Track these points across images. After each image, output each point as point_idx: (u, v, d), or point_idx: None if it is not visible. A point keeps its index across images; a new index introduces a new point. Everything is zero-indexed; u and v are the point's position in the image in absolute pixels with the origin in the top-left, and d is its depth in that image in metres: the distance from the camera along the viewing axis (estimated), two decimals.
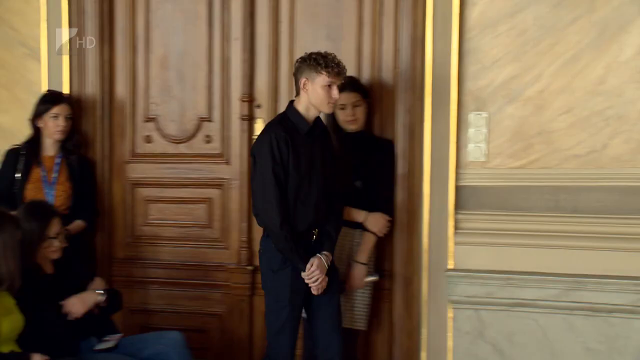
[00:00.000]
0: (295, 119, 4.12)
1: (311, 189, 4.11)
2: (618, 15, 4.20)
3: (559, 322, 4.30)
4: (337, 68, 4.04)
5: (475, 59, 4.39)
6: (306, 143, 4.11)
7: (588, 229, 4.25)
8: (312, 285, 4.09)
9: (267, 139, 4.05)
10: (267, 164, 4.03)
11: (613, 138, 4.23)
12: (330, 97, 4.05)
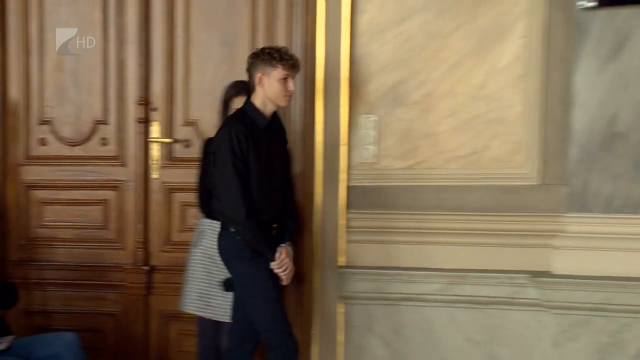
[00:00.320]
0: (253, 115, 4.14)
1: (271, 183, 4.15)
2: (497, 24, 4.42)
3: (443, 315, 4.48)
4: (291, 60, 4.09)
5: (365, 63, 4.55)
6: (265, 138, 4.14)
7: (470, 226, 4.45)
8: (282, 275, 4.11)
9: (227, 135, 4.05)
10: (227, 159, 4.02)
11: (493, 140, 4.43)
12: (287, 90, 4.10)
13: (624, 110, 4.19)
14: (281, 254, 4.09)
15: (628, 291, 4.12)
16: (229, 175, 4.01)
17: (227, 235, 4.14)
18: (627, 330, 4.17)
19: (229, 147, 4.02)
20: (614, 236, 4.20)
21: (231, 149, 4.01)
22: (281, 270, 4.10)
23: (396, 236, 4.54)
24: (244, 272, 4.13)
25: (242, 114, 4.16)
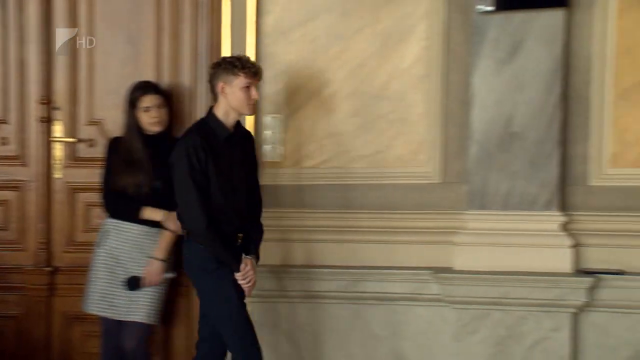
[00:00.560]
0: (214, 125, 4.07)
1: (234, 193, 4.09)
2: (399, 27, 4.51)
3: (348, 311, 4.54)
4: (253, 68, 4.03)
5: (271, 64, 4.58)
6: (226, 148, 4.07)
7: (374, 223, 4.54)
8: (246, 286, 4.07)
9: (184, 148, 3.99)
10: (184, 171, 3.96)
11: (396, 139, 4.52)
12: (250, 98, 4.04)
13: (520, 111, 4.33)
14: (246, 265, 4.04)
15: (524, 285, 4.26)
16: (188, 188, 3.96)
17: (190, 246, 4.09)
18: (523, 323, 4.30)
19: (186, 160, 3.95)
20: (511, 232, 4.34)
21: (188, 162, 3.95)
22: (245, 282, 4.05)
23: (302, 234, 4.59)
24: (208, 284, 4.08)
25: (203, 124, 4.10)
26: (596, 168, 4.31)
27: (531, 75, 4.30)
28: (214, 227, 3.96)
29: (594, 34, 4.32)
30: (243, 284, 4.05)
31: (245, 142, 4.23)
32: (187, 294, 4.77)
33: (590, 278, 4.21)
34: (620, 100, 4.28)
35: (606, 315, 4.25)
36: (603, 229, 4.28)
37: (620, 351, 4.24)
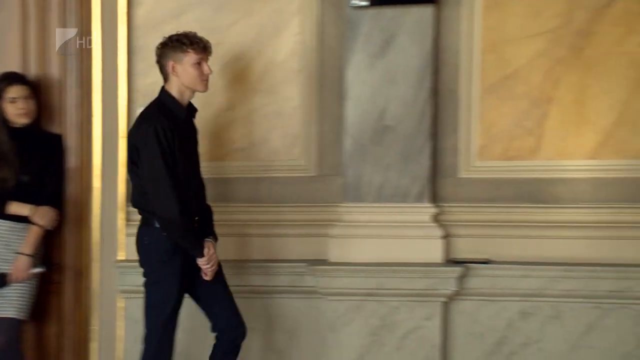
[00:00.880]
0: (172, 105, 3.94)
1: (193, 175, 4.00)
2: (272, 20, 4.51)
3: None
4: (202, 43, 3.92)
5: (143, 56, 4.50)
6: (184, 127, 3.96)
7: (251, 217, 4.53)
8: (210, 270, 3.95)
9: (152, 129, 3.79)
10: (156, 154, 3.77)
11: (272, 133, 4.52)
12: (203, 74, 3.93)
13: (392, 105, 4.39)
14: (209, 249, 3.94)
15: (398, 276, 4.33)
16: (160, 172, 3.78)
17: (153, 232, 3.91)
18: (396, 313, 4.37)
19: (156, 142, 3.77)
20: (384, 224, 4.40)
21: (159, 144, 3.77)
22: (209, 266, 3.94)
23: None
24: (158, 274, 3.93)
25: (160, 104, 3.95)
26: (465, 161, 4.42)
27: (403, 70, 4.37)
28: (185, 214, 3.83)
29: (462, 31, 4.42)
30: (207, 267, 3.94)
31: (192, 122, 4.10)
32: (58, 291, 4.64)
33: (459, 268, 4.32)
34: (487, 95, 4.40)
35: (474, 303, 4.37)
36: (471, 219, 4.40)
37: (487, 337, 4.37)
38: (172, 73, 3.92)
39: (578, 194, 4.33)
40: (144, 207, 3.94)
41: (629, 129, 4.28)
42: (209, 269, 3.95)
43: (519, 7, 4.37)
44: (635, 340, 4.24)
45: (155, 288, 3.95)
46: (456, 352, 4.40)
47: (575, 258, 4.29)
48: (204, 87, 3.97)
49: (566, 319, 4.30)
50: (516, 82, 4.38)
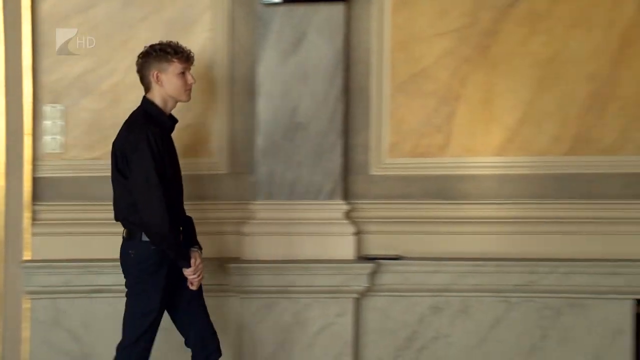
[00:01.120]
0: (157, 115, 3.86)
1: (178, 184, 3.91)
2: (182, 16, 4.44)
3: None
4: (185, 53, 3.87)
5: (50, 52, 4.39)
6: (169, 137, 3.89)
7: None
8: (196, 280, 3.85)
9: (144, 138, 3.67)
10: (148, 164, 3.65)
11: (185, 130, 4.40)
12: (187, 84, 3.87)
13: (304, 102, 4.38)
14: (196, 259, 3.84)
15: (310, 273, 4.33)
16: (151, 183, 3.67)
17: (140, 245, 3.78)
18: (308, 310, 4.38)
19: (148, 152, 3.66)
20: (297, 221, 4.40)
21: (151, 152, 3.67)
22: (196, 276, 3.85)
23: (87, 227, 4.42)
24: (142, 285, 3.81)
25: (146, 114, 3.85)
26: (376, 158, 4.45)
27: (314, 67, 4.37)
28: (174, 227, 3.77)
29: (372, 29, 4.45)
30: (193, 277, 3.85)
31: None
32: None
33: (371, 264, 4.35)
34: (397, 92, 4.44)
35: (386, 299, 4.41)
36: (383, 216, 4.44)
37: (399, 332, 4.42)
38: (155, 82, 3.86)
39: (485, 190, 4.41)
40: (130, 219, 3.80)
41: (533, 127, 4.38)
42: (196, 279, 3.86)
43: (427, 6, 4.42)
44: (541, 332, 4.35)
45: (138, 299, 3.84)
46: (368, 348, 4.43)
47: (483, 253, 4.37)
48: (187, 97, 3.93)
49: (475, 313, 4.39)
50: (425, 80, 4.43)
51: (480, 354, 4.39)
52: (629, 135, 4.36)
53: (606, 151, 4.36)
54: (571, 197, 4.36)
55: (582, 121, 4.37)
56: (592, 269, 4.30)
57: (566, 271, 4.31)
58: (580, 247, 4.34)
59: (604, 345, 4.34)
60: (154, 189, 3.66)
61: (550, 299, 4.33)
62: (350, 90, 4.43)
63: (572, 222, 4.35)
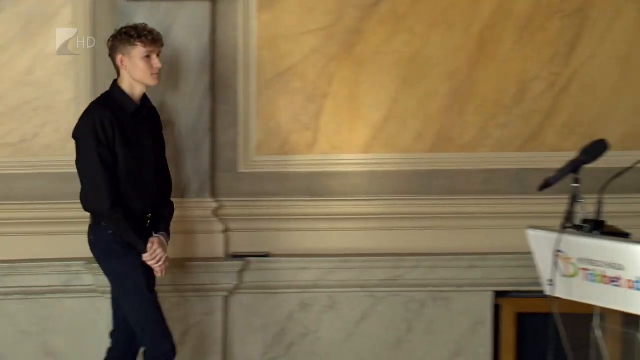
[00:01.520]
0: (120, 98, 3.79)
1: (142, 171, 3.81)
2: (41, 10, 4.27)
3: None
4: (150, 36, 3.77)
5: None
6: (134, 123, 3.79)
7: (20, 215, 4.27)
8: (156, 266, 3.77)
9: (91, 121, 3.69)
10: (90, 146, 3.67)
11: (43, 127, 4.30)
12: (152, 67, 3.77)
13: (170, 99, 4.28)
14: (153, 244, 3.75)
15: (177, 271, 4.21)
16: (93, 164, 3.68)
17: (97, 229, 3.78)
18: (176, 309, 4.25)
19: (92, 134, 3.67)
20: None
21: (95, 136, 3.66)
22: (154, 262, 3.76)
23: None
24: (117, 270, 3.80)
25: (108, 97, 3.83)
26: (244, 155, 4.42)
27: (180, 64, 4.29)
28: (120, 208, 3.70)
29: (239, 26, 4.40)
30: (152, 264, 3.77)
31: (152, 118, 3.97)
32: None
33: (239, 262, 4.32)
34: (265, 90, 4.41)
35: (255, 297, 4.38)
36: (251, 214, 4.41)
37: (268, 330, 4.40)
38: (121, 67, 3.80)
39: (352, 187, 4.45)
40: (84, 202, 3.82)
41: (398, 124, 4.46)
42: (154, 265, 3.79)
43: (293, 4, 4.41)
44: (407, 325, 4.44)
45: (119, 288, 3.84)
46: (237, 346, 4.40)
47: (350, 249, 4.42)
48: (154, 81, 3.83)
49: (342, 308, 4.42)
50: (292, 78, 4.43)
51: (348, 349, 4.43)
52: (487, 133, 4.50)
53: (466, 148, 4.49)
54: (434, 193, 4.46)
55: (443, 119, 4.47)
56: (454, 263, 4.41)
57: (430, 265, 4.40)
58: (443, 241, 4.43)
59: (465, 336, 4.46)
60: (95, 172, 3.68)
61: (415, 292, 4.42)
62: (218, 88, 4.38)
63: (436, 218, 4.44)
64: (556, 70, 4.46)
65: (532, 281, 3.32)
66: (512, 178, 4.48)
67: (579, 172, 3.19)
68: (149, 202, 3.87)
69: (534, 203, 4.20)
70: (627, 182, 3.71)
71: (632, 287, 2.93)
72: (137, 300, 3.80)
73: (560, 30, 4.42)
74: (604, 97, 4.49)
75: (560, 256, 3.11)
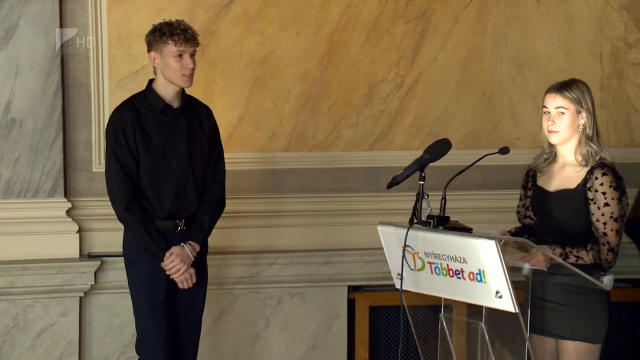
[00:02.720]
0: (150, 97, 3.65)
1: (169, 172, 3.63)
2: None
3: None
4: (183, 34, 3.56)
5: None
6: (162, 122, 3.62)
7: None
8: (175, 277, 3.61)
9: (112, 120, 3.65)
10: (109, 146, 3.61)
11: None
12: (184, 68, 3.57)
13: (19, 97, 4.19)
14: (170, 254, 3.59)
15: (31, 273, 4.16)
16: (111, 164, 3.61)
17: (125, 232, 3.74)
18: (30, 311, 4.20)
19: (112, 134, 3.61)
20: (15, 221, 4.19)
21: (114, 137, 3.59)
22: (172, 272, 3.61)
23: None
24: (128, 276, 3.73)
25: (139, 96, 3.71)
26: (98, 154, 4.33)
27: (28, 61, 4.19)
28: (137, 210, 3.59)
29: (89, 24, 4.31)
30: (171, 273, 3.63)
31: (196, 118, 3.75)
32: None
33: (95, 262, 4.25)
34: (118, 89, 4.35)
35: (112, 296, 4.32)
36: (106, 213, 4.26)
37: (125, 329, 4.33)
38: (154, 65, 3.67)
39: None
40: None
41: (252, 124, 4.49)
42: (173, 275, 3.63)
43: (143, 4, 4.37)
44: (264, 321, 4.48)
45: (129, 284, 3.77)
46: (94, 346, 4.34)
47: (209, 247, 4.38)
48: (185, 82, 3.64)
49: None
50: (146, 77, 4.30)
51: (207, 345, 4.36)
52: (340, 132, 4.59)
53: (319, 147, 4.57)
54: (289, 191, 4.53)
55: (297, 119, 4.54)
56: (309, 259, 4.49)
57: (286, 262, 4.46)
58: (299, 238, 4.51)
59: (321, 330, 4.55)
60: (110, 171, 3.63)
61: (272, 289, 4.47)
62: (70, 86, 4.29)
63: (291, 215, 4.51)
64: (402, 73, 4.61)
65: (384, 275, 3.41)
66: (364, 176, 4.59)
67: (424, 169, 3.28)
68: (177, 208, 3.69)
69: (384, 200, 4.33)
70: (469, 180, 3.91)
71: (474, 280, 3.04)
72: (135, 308, 3.73)
73: (404, 34, 4.56)
74: (447, 99, 4.67)
75: (408, 251, 3.20)
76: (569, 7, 4.71)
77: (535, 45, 4.70)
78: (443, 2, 4.62)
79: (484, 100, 4.70)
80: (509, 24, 4.69)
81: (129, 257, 3.71)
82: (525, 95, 4.70)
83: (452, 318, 3.31)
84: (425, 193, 3.27)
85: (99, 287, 4.29)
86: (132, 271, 3.71)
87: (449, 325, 3.29)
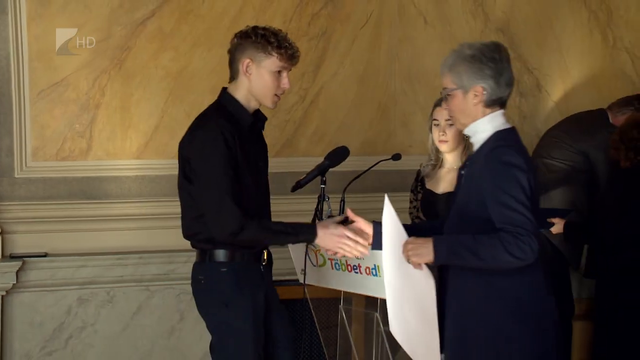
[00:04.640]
0: (235, 110, 2.96)
1: (258, 191, 3.03)
2: None
3: None
4: (291, 50, 2.95)
5: None
6: (250, 138, 2.99)
7: None
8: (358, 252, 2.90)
9: (212, 135, 2.83)
10: (215, 164, 2.82)
11: None
12: (279, 87, 2.96)
13: None
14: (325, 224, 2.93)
15: None
16: (222, 184, 2.83)
17: (207, 267, 2.97)
18: None
19: (215, 150, 2.84)
20: None
21: (220, 153, 2.84)
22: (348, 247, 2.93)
23: None
24: (222, 318, 2.95)
25: (221, 108, 2.98)
26: (20, 161, 4.25)
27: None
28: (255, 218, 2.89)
29: (10, 38, 4.23)
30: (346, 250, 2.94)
31: (261, 134, 3.16)
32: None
33: (17, 262, 4.17)
34: (39, 99, 4.27)
35: (34, 295, 4.25)
36: (29, 216, 4.25)
37: (47, 325, 4.27)
38: (244, 72, 2.98)
39: (126, 190, 4.42)
40: (199, 236, 3.01)
41: (167, 133, 4.46)
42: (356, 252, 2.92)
43: (62, 19, 4.30)
44: (179, 315, 4.47)
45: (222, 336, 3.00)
46: (16, 343, 4.24)
47: (126, 247, 4.38)
48: (272, 103, 3.02)
49: (119, 302, 4.39)
50: (66, 89, 4.33)
51: (124, 339, 4.39)
52: None
53: None
54: None
55: None
56: None
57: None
58: None
59: None
60: (221, 192, 2.85)
61: (187, 285, 4.39)
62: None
63: None
64: (305, 86, 4.66)
65: (290, 271, 3.45)
66: (271, 180, 4.57)
67: (325, 174, 3.34)
68: None
69: (290, 202, 4.35)
70: (366, 183, 3.98)
71: (370, 274, 3.13)
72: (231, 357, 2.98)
73: (307, 50, 4.60)
74: (346, 110, 4.75)
75: (311, 249, 3.26)
76: (453, 28, 4.86)
77: (424, 62, 4.82)
78: (342, 23, 4.70)
79: (379, 111, 4.81)
80: (401, 43, 4.81)
81: (225, 297, 2.97)
82: (415, 107, 4.82)
83: (351, 309, 3.38)
84: (326, 196, 3.35)
85: (21, 285, 4.21)
86: (230, 311, 2.97)
87: (347, 316, 3.36)
